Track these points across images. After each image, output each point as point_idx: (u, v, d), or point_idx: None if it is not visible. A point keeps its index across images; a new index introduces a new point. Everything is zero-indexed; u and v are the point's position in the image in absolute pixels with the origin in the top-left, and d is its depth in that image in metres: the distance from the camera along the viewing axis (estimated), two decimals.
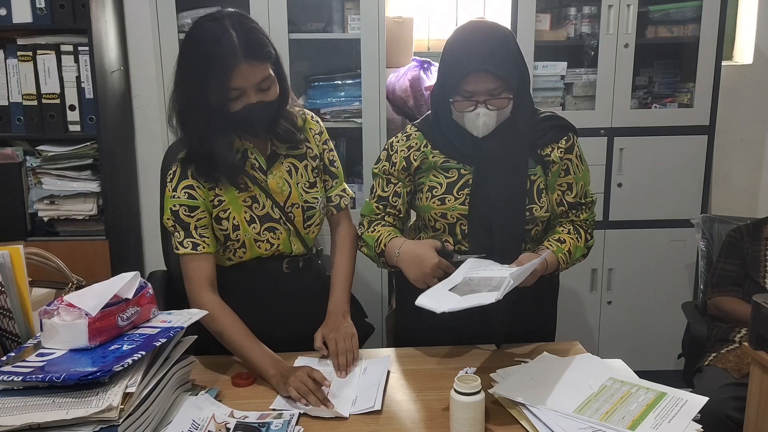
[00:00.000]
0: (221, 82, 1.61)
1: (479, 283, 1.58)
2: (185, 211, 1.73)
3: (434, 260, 1.69)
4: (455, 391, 1.40)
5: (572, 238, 1.83)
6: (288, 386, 1.53)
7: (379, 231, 1.85)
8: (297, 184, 1.82)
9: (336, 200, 1.93)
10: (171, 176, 1.76)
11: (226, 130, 1.71)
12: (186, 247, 1.73)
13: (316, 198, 1.85)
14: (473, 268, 1.67)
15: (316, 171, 1.87)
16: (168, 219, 1.75)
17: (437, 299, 1.53)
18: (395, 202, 1.88)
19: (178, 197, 1.73)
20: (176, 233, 1.74)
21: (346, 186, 1.97)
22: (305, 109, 1.91)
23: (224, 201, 1.76)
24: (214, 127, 1.68)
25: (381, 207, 1.89)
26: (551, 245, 1.80)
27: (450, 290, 1.58)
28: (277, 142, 1.81)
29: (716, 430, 2.06)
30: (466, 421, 1.40)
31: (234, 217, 1.76)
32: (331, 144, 1.93)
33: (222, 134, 1.70)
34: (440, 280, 1.67)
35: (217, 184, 1.75)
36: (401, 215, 1.90)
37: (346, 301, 1.86)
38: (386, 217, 1.89)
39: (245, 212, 1.77)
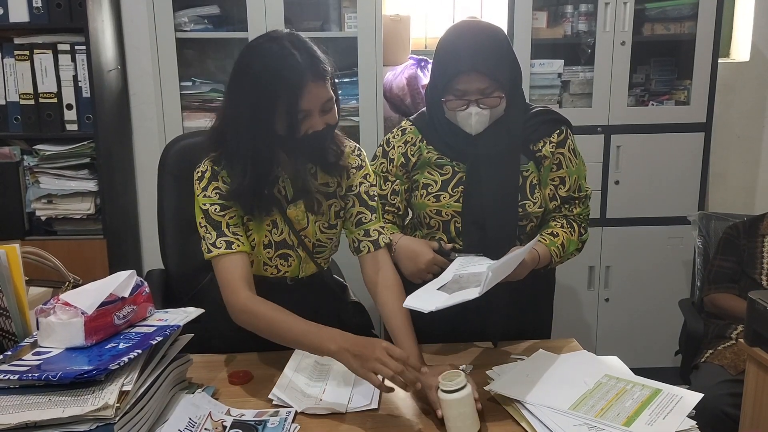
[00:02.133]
0: (290, 104, 1.54)
1: (468, 279, 1.58)
2: (216, 209, 1.65)
3: (429, 256, 1.69)
4: (441, 390, 1.40)
5: (565, 232, 1.84)
6: (366, 371, 1.42)
7: None
8: (315, 222, 1.75)
9: (374, 235, 1.76)
10: (200, 175, 1.68)
11: (287, 154, 1.65)
12: (219, 248, 1.63)
13: (331, 239, 1.79)
14: (463, 265, 1.67)
15: (341, 212, 1.79)
16: (201, 220, 1.66)
17: (425, 299, 1.53)
18: (394, 200, 1.88)
19: (210, 196, 1.65)
20: (207, 234, 1.65)
21: (384, 225, 1.80)
22: (352, 142, 1.81)
23: (252, 220, 1.71)
24: (275, 151, 1.63)
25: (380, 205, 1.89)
26: (544, 239, 1.80)
27: (439, 289, 1.58)
28: (311, 178, 1.72)
29: (713, 427, 2.07)
30: (457, 418, 1.40)
31: (253, 239, 1.72)
32: (372, 179, 1.80)
33: (281, 160, 1.66)
34: (435, 276, 1.67)
35: (253, 217, 1.70)
36: (400, 212, 1.90)
37: (421, 356, 1.65)
38: (385, 215, 1.89)
39: (265, 236, 1.73)
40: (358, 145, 1.81)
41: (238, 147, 1.61)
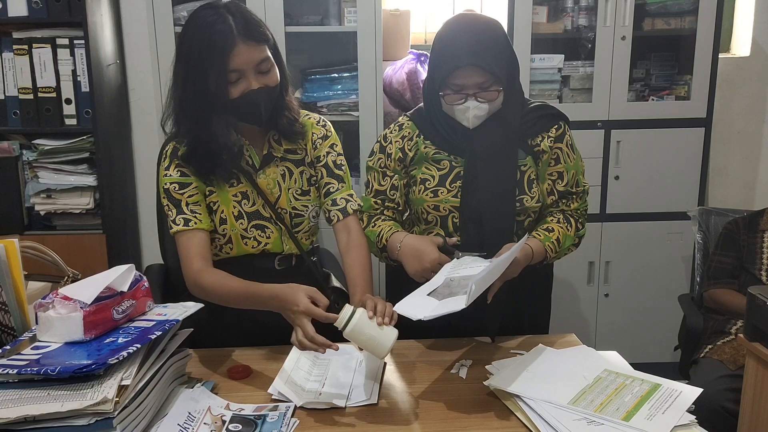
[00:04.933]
0: (220, 65, 1.61)
1: (459, 284, 1.56)
2: (176, 188, 1.73)
3: (434, 255, 1.69)
4: (342, 332, 1.48)
5: (562, 227, 1.84)
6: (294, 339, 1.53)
7: (380, 226, 1.84)
8: (288, 189, 1.81)
9: (341, 203, 1.83)
10: (163, 156, 1.76)
11: (228, 119, 1.69)
12: (178, 224, 1.72)
13: (306, 206, 1.83)
14: (456, 267, 1.65)
15: (313, 179, 1.85)
16: (163, 198, 1.75)
17: (414, 306, 1.52)
18: (393, 195, 1.88)
19: (170, 175, 1.73)
20: (169, 212, 1.74)
21: (354, 192, 1.87)
22: (315, 114, 1.88)
23: (214, 192, 1.76)
24: (215, 116, 1.67)
25: (379, 201, 1.89)
26: (539, 234, 1.80)
27: (429, 294, 1.56)
28: (275, 144, 1.80)
29: (712, 422, 2.07)
30: (366, 343, 1.48)
31: (222, 211, 1.76)
32: (339, 149, 1.86)
33: (221, 125, 1.69)
34: None
35: (209, 182, 1.75)
36: (400, 208, 1.90)
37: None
38: (385, 211, 1.89)
39: (234, 207, 1.76)
40: (322, 117, 1.88)
41: (181, 110, 1.69)
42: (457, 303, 1.46)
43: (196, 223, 1.72)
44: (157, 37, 2.75)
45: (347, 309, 1.48)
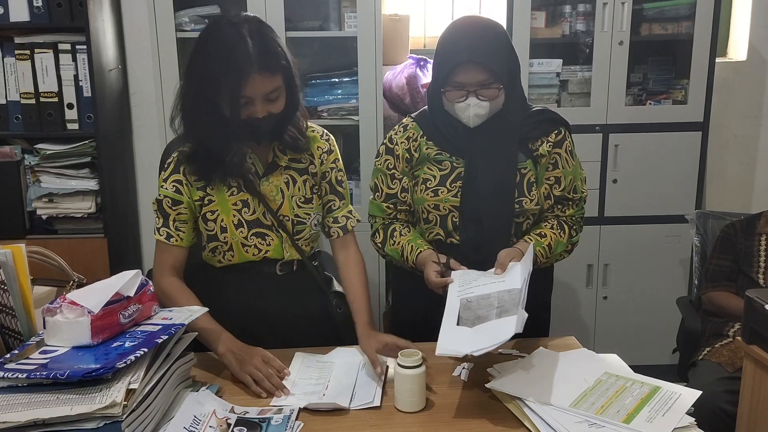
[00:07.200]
0: (232, 89, 1.61)
1: (479, 304, 1.57)
2: (169, 203, 1.77)
3: (438, 282, 1.73)
4: (398, 364, 1.50)
5: (555, 233, 1.86)
6: (243, 373, 1.60)
7: (399, 242, 1.87)
8: (292, 197, 1.81)
9: (342, 221, 1.89)
10: (167, 165, 1.80)
11: (232, 132, 1.70)
12: (161, 236, 1.78)
13: (309, 214, 1.83)
14: (463, 286, 1.66)
15: (315, 188, 1.86)
16: (154, 204, 1.80)
17: (454, 342, 1.51)
18: (404, 198, 1.90)
19: (166, 188, 1.77)
20: (156, 219, 1.80)
21: (352, 208, 1.92)
22: (319, 127, 1.89)
23: (214, 201, 1.77)
24: (220, 128, 1.68)
25: (392, 205, 1.91)
26: (531, 239, 1.83)
27: (458, 324, 1.55)
28: (279, 153, 1.81)
29: (710, 424, 2.08)
30: (406, 392, 1.51)
31: (222, 219, 1.77)
32: (341, 164, 1.89)
33: (225, 136, 1.70)
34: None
35: (210, 183, 1.76)
36: (412, 209, 1.93)
37: (371, 322, 1.80)
38: (399, 215, 1.91)
39: (234, 216, 1.78)
40: (325, 131, 1.90)
41: (188, 115, 1.72)
42: (507, 331, 1.47)
43: (177, 240, 1.78)
44: (158, 42, 2.76)
45: (419, 356, 1.53)
